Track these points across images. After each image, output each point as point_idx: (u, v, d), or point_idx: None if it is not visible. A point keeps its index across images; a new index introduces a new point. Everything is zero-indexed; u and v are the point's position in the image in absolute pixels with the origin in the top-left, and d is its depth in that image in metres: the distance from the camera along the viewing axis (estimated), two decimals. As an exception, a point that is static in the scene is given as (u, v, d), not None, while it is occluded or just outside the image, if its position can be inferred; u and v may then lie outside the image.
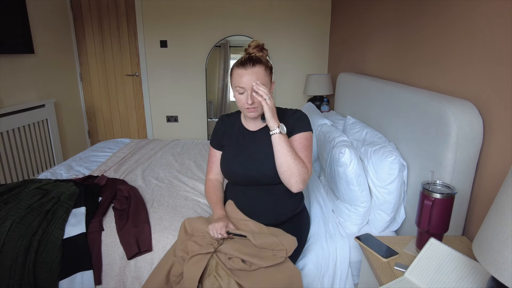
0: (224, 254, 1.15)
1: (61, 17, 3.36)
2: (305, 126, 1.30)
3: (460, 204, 1.22)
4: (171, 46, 3.58)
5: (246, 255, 1.12)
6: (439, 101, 1.23)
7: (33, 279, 1.29)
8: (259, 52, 1.27)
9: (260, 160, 1.29)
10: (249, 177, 1.32)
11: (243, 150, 1.34)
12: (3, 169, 2.45)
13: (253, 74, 1.20)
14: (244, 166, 1.32)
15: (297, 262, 1.35)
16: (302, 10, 3.45)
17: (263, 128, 1.35)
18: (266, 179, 1.30)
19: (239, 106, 1.27)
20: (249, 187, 1.34)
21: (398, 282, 0.97)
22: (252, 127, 1.37)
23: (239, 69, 1.22)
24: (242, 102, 1.24)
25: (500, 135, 1.11)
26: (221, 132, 1.42)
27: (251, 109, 1.24)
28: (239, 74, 1.21)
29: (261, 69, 1.22)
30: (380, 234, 1.48)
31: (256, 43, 1.28)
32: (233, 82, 1.25)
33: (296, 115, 1.33)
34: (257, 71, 1.21)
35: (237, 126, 1.40)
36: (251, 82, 1.19)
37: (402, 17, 1.83)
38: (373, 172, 1.44)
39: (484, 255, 0.64)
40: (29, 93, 2.85)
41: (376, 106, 1.81)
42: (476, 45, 1.23)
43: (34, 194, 1.55)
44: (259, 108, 1.24)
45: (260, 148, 1.31)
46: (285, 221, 1.35)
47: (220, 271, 1.09)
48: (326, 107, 3.13)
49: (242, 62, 1.23)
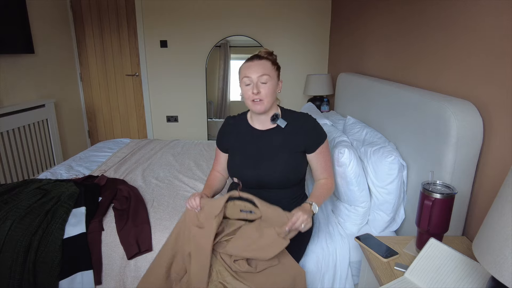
0: (229, 256, 1.13)
1: (61, 17, 3.36)
2: (323, 134, 1.34)
3: (460, 204, 1.22)
4: (171, 46, 3.58)
5: (250, 251, 1.10)
6: (439, 101, 1.23)
7: (33, 279, 1.29)
8: (268, 55, 1.31)
9: (270, 164, 1.29)
10: (258, 181, 1.31)
11: (252, 153, 1.33)
12: (3, 169, 2.45)
13: (260, 65, 1.24)
14: (254, 169, 1.31)
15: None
16: (302, 10, 3.45)
17: (273, 128, 1.34)
18: (276, 183, 1.29)
19: (246, 100, 1.28)
20: (258, 190, 1.32)
21: (398, 282, 0.97)
22: (260, 126, 1.36)
23: (247, 62, 1.28)
24: (248, 94, 1.26)
25: (500, 135, 1.11)
26: (227, 135, 1.41)
27: (257, 101, 1.25)
28: (246, 67, 1.26)
29: (268, 63, 1.26)
30: (380, 234, 1.48)
31: (266, 50, 1.32)
32: (241, 75, 1.28)
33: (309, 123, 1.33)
34: (263, 63, 1.25)
35: (244, 126, 1.39)
36: (258, 72, 1.23)
37: (402, 17, 1.83)
38: (373, 172, 1.44)
39: (484, 255, 0.64)
40: (29, 93, 2.85)
41: (376, 106, 1.81)
42: (476, 45, 1.23)
43: (34, 194, 1.55)
44: (264, 101, 1.25)
45: (270, 150, 1.31)
46: None
47: (227, 277, 1.08)
48: (326, 107, 3.13)
49: (249, 58, 1.29)
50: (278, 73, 1.31)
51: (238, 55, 3.61)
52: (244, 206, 1.20)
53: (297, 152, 1.30)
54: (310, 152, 1.31)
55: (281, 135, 1.31)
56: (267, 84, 1.24)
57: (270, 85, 1.25)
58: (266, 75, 1.24)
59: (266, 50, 1.32)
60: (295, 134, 1.30)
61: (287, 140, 1.30)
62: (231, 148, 1.40)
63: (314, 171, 1.35)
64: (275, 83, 1.28)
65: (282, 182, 1.29)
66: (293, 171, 1.30)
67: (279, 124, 1.29)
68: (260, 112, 1.28)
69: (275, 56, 1.34)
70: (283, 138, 1.31)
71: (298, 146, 1.29)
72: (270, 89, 1.25)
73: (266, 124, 1.35)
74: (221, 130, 1.44)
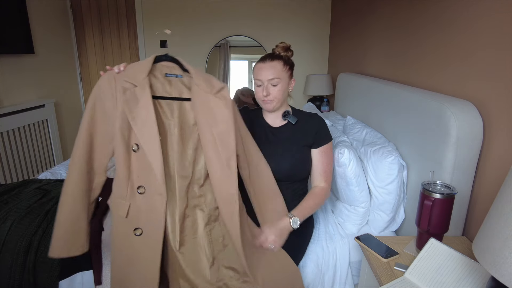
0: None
1: (61, 17, 3.36)
2: (329, 136, 1.36)
3: (460, 204, 1.22)
4: (171, 46, 3.57)
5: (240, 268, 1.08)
6: (439, 101, 1.23)
7: (33, 279, 1.29)
8: (284, 51, 1.33)
9: (278, 156, 1.31)
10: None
11: (261, 143, 1.33)
12: (3, 169, 2.45)
13: (271, 68, 1.27)
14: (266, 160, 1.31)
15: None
16: (302, 10, 3.44)
17: (285, 125, 1.37)
18: (282, 175, 1.30)
19: (257, 99, 1.34)
20: None
21: (398, 282, 0.97)
22: (272, 122, 1.40)
23: (259, 63, 1.31)
24: (259, 94, 1.31)
25: (500, 135, 1.11)
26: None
27: (267, 101, 1.30)
28: (258, 68, 1.30)
29: (279, 64, 1.28)
30: (380, 234, 1.48)
31: (283, 44, 1.34)
32: (253, 75, 1.33)
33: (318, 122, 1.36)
34: (274, 65, 1.28)
35: (260, 120, 1.42)
36: (268, 75, 1.27)
37: (402, 17, 1.83)
38: (373, 172, 1.44)
39: (484, 255, 0.64)
40: (29, 93, 2.85)
41: (376, 106, 1.81)
42: (476, 45, 1.23)
43: (34, 194, 1.55)
44: (274, 101, 1.30)
45: (279, 143, 1.34)
46: None
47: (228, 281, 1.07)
48: (326, 107, 3.13)
49: (262, 57, 1.32)
50: (291, 72, 1.33)
51: (238, 55, 3.61)
52: (170, 70, 1.06)
53: (304, 146, 1.33)
54: (315, 147, 1.34)
55: (291, 130, 1.36)
56: (277, 86, 1.28)
57: (280, 86, 1.29)
58: (276, 78, 1.27)
59: (284, 45, 1.33)
60: (304, 130, 1.34)
61: (296, 135, 1.34)
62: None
63: (314, 171, 1.36)
64: (285, 83, 1.31)
65: (288, 175, 1.31)
66: (299, 164, 1.33)
67: (290, 120, 1.34)
68: (269, 110, 1.35)
69: (291, 52, 1.35)
70: (292, 133, 1.35)
71: (306, 140, 1.33)
72: (280, 91, 1.29)
73: (277, 121, 1.39)
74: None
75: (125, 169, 1.01)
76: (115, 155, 1.02)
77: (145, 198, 1.01)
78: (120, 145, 0.99)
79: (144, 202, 1.01)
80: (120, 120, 0.98)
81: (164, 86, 1.06)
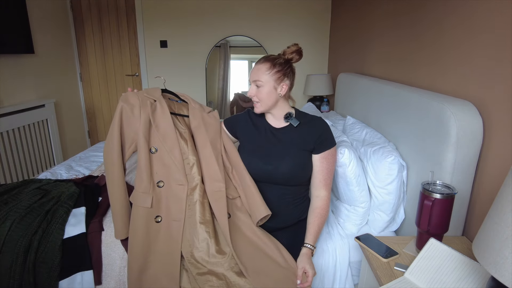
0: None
1: (61, 17, 3.36)
2: (332, 141, 1.34)
3: (460, 204, 1.22)
4: (171, 46, 3.58)
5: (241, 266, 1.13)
6: (439, 101, 1.23)
7: (33, 279, 1.29)
8: (290, 54, 1.31)
9: (279, 158, 1.30)
10: (265, 173, 1.31)
11: (262, 145, 1.35)
12: (3, 169, 2.45)
13: (257, 70, 1.29)
14: (261, 159, 1.32)
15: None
16: (302, 10, 3.45)
17: (286, 127, 1.36)
18: (281, 178, 1.30)
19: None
20: (263, 184, 1.33)
21: (398, 282, 0.97)
22: (274, 124, 1.39)
23: (255, 63, 1.34)
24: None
25: (500, 135, 1.11)
26: (243, 122, 1.43)
27: (254, 102, 1.33)
28: (253, 68, 1.33)
29: (265, 67, 1.28)
30: (380, 235, 1.48)
31: (291, 48, 1.31)
32: None
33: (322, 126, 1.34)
34: (260, 68, 1.29)
35: (262, 121, 1.41)
36: (253, 77, 1.30)
37: (402, 17, 1.83)
38: (373, 172, 1.44)
39: (484, 255, 0.64)
40: (29, 93, 2.85)
41: (376, 106, 1.81)
42: (476, 45, 1.23)
43: (34, 194, 1.55)
44: (259, 103, 1.32)
45: (280, 145, 1.33)
46: (296, 222, 1.36)
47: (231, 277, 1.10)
48: (326, 107, 3.13)
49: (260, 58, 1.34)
50: (281, 76, 1.28)
51: (238, 55, 3.61)
52: (171, 97, 1.45)
53: (305, 150, 1.30)
54: (315, 153, 1.31)
55: (293, 133, 1.33)
56: (259, 88, 1.29)
57: (263, 89, 1.28)
58: (258, 80, 1.28)
59: (290, 49, 1.30)
60: (306, 133, 1.31)
61: (297, 138, 1.32)
62: (242, 136, 1.42)
63: (314, 178, 1.32)
64: (269, 87, 1.28)
65: (287, 178, 1.29)
66: (300, 168, 1.30)
67: (292, 122, 1.33)
68: (257, 112, 1.36)
69: (298, 56, 1.32)
70: (294, 136, 1.33)
71: (307, 144, 1.30)
72: (263, 94, 1.29)
73: (279, 122, 1.38)
74: (239, 117, 1.47)
75: (148, 168, 1.25)
76: (138, 157, 1.26)
77: (164, 190, 1.26)
78: (143, 148, 1.25)
79: (164, 194, 1.26)
80: (143, 128, 1.25)
81: (171, 105, 1.39)
